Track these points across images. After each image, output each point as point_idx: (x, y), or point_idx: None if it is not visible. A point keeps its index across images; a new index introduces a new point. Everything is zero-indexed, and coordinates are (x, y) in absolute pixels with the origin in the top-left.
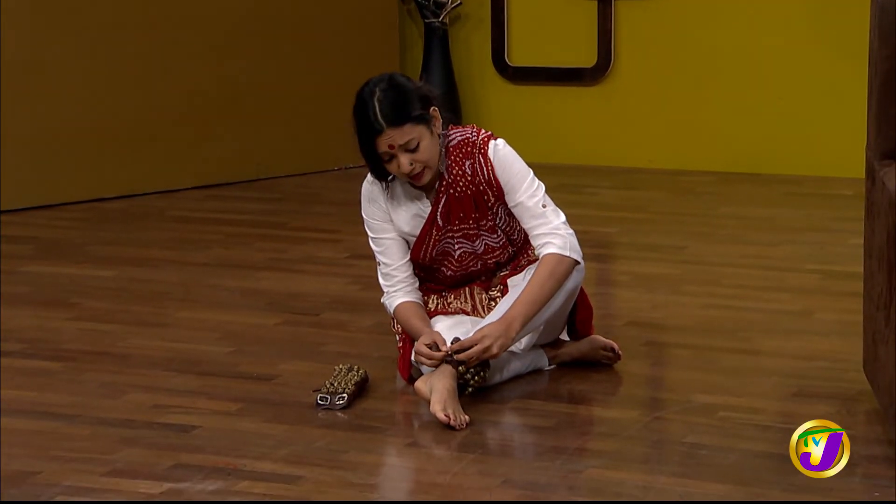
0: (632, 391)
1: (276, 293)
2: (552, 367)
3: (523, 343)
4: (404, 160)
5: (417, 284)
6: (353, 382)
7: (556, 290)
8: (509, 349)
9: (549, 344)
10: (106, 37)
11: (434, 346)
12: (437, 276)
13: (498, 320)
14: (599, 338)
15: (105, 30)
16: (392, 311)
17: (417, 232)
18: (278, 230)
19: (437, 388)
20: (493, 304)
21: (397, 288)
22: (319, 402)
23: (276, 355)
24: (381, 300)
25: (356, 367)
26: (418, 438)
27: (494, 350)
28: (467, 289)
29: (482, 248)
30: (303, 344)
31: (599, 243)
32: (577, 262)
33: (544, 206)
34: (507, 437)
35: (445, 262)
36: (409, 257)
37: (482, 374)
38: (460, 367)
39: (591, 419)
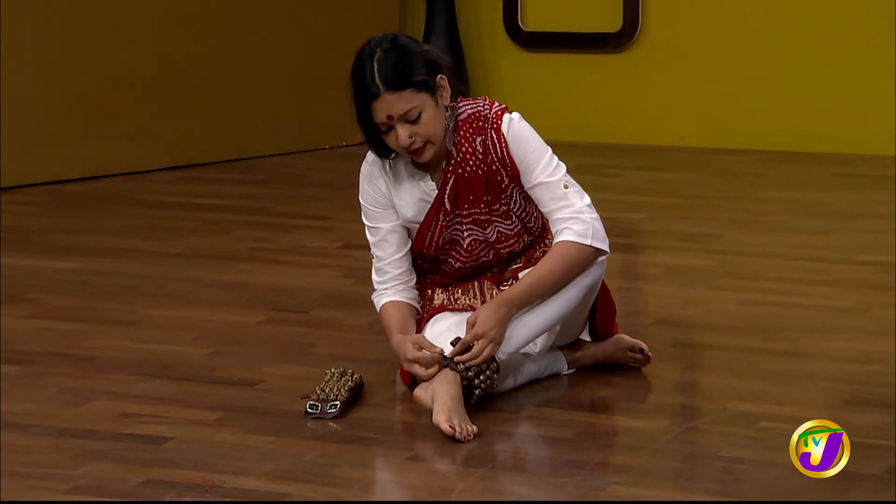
0: (661, 398)
1: (260, 287)
2: (571, 371)
3: (538, 345)
4: (403, 132)
5: (413, 282)
6: (346, 388)
7: (568, 277)
8: (523, 350)
9: (568, 345)
10: (66, 0)
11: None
12: (443, 267)
13: (492, 302)
14: (625, 337)
15: None
16: (378, 310)
17: (422, 218)
18: (261, 216)
19: (439, 396)
20: None
21: (388, 285)
22: (309, 410)
23: (260, 358)
24: (371, 297)
25: (350, 371)
26: (419, 451)
27: (501, 338)
28: (476, 283)
29: (494, 236)
30: (290, 345)
31: (624, 231)
32: (599, 252)
33: (566, 187)
34: (520, 450)
35: (453, 252)
36: (406, 250)
37: (491, 377)
38: (461, 367)
39: (614, 430)
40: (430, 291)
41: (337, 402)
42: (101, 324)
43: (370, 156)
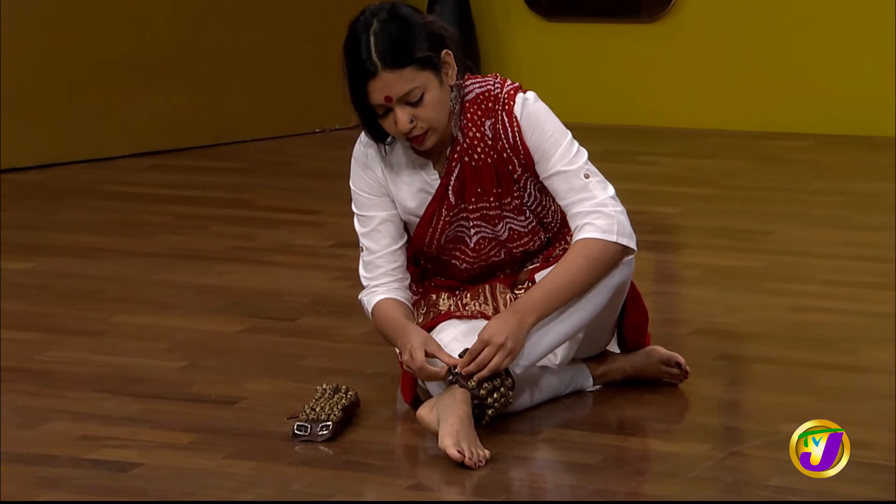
0: (700, 419)
1: (241, 291)
2: (597, 387)
3: (559, 356)
4: (402, 116)
5: (408, 282)
6: (339, 407)
7: (592, 280)
8: (540, 363)
9: (593, 358)
10: None
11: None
12: (448, 268)
13: (506, 310)
14: (659, 349)
15: None
16: (369, 312)
17: (423, 211)
18: (243, 210)
19: (446, 417)
20: None
21: (379, 282)
22: (297, 431)
23: (241, 372)
24: (359, 296)
25: (344, 387)
26: (423, 479)
27: (517, 349)
28: (487, 286)
29: (506, 233)
30: (275, 357)
31: (658, 227)
32: (626, 250)
33: (587, 177)
34: (538, 478)
35: (457, 252)
36: (401, 244)
37: (505, 394)
38: (472, 383)
39: (647, 455)
40: (434, 296)
41: (329, 423)
42: (59, 333)
43: (364, 137)
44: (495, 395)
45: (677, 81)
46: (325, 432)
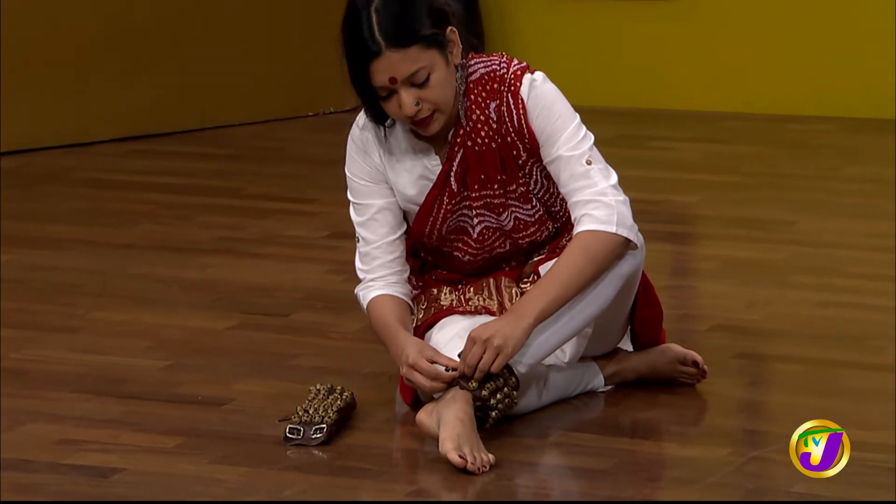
0: (719, 421)
1: (229, 286)
2: (609, 387)
3: (567, 353)
4: (408, 98)
5: (407, 275)
6: (334, 409)
7: (593, 275)
8: (547, 361)
9: (604, 356)
10: None
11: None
12: (449, 261)
13: (505, 313)
14: (675, 347)
15: None
16: (364, 307)
17: (423, 199)
18: (231, 199)
19: (447, 420)
20: None
21: (376, 275)
22: (289, 435)
23: (229, 371)
24: (355, 290)
25: (339, 388)
26: (423, 486)
27: (508, 350)
28: (492, 280)
29: (511, 223)
30: (265, 356)
31: (675, 217)
32: (626, 241)
33: (589, 163)
34: (546, 485)
35: (460, 244)
36: (399, 234)
37: (509, 394)
38: (473, 384)
39: (662, 460)
40: (435, 290)
41: (323, 426)
42: (34, 330)
43: (361, 119)
44: (498, 396)
45: (695, 61)
46: (319, 435)
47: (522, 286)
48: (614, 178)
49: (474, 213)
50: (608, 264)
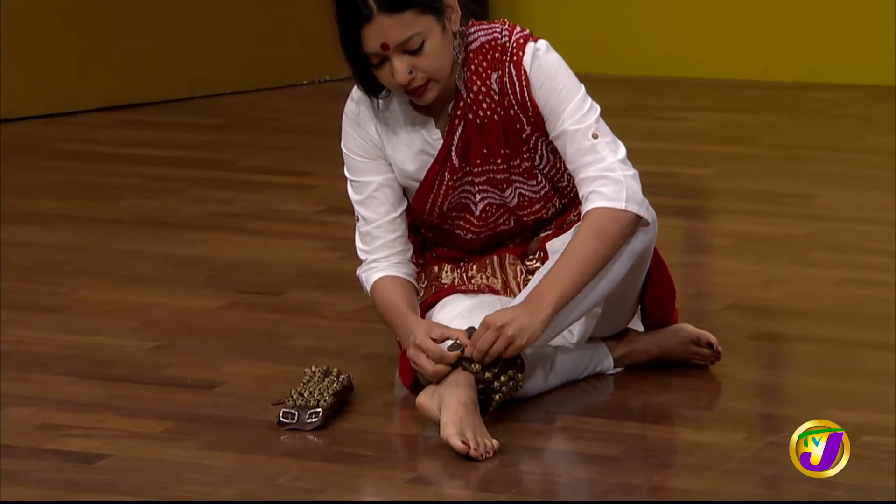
0: (734, 405)
1: (220, 263)
2: (619, 370)
3: (575, 334)
4: (400, 66)
5: (410, 253)
6: (330, 392)
7: (607, 255)
8: (554, 342)
9: (614, 337)
10: None
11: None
12: (451, 238)
13: (522, 301)
14: (688, 327)
15: None
16: (368, 290)
17: (423, 175)
18: (222, 171)
19: (449, 404)
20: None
21: (378, 256)
22: (283, 419)
23: (220, 353)
24: (357, 272)
25: (335, 370)
26: (424, 473)
27: (521, 341)
28: (496, 257)
29: (515, 199)
30: (258, 336)
31: (688, 191)
32: (637, 218)
33: (595, 137)
34: (552, 472)
35: (461, 221)
36: (400, 211)
37: (514, 377)
38: (477, 367)
39: (674, 445)
40: (436, 268)
41: (318, 410)
42: (16, 310)
43: (356, 92)
44: (503, 379)
45: (710, 26)
46: (314, 420)
47: (528, 263)
48: (622, 151)
49: (477, 189)
50: (621, 243)
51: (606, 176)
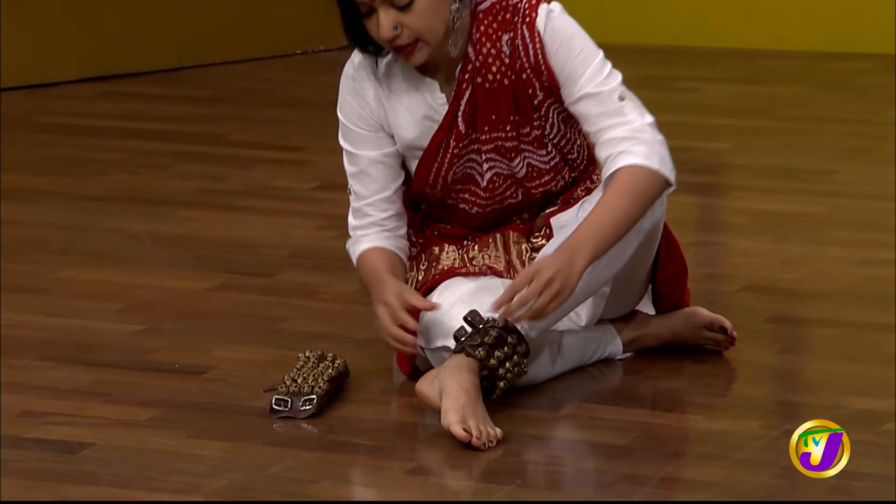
0: (750, 391)
1: (209, 242)
2: (628, 355)
3: (584, 316)
4: (385, 19)
5: (403, 231)
6: (325, 378)
7: (639, 214)
8: (560, 325)
9: (624, 321)
10: None
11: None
12: (455, 214)
13: (556, 250)
14: (701, 311)
15: None
16: (354, 262)
17: (427, 142)
18: (211, 146)
19: (450, 390)
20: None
21: (368, 231)
22: (276, 406)
23: (210, 337)
24: (346, 245)
25: (330, 355)
26: (424, 462)
27: (565, 294)
28: (499, 235)
29: (523, 170)
30: (249, 319)
31: (702, 166)
32: (667, 183)
33: (622, 99)
34: (558, 462)
35: (466, 194)
36: (395, 188)
37: (519, 363)
38: (480, 352)
39: (686, 434)
40: (436, 249)
41: (313, 397)
42: None
43: (357, 55)
44: (507, 365)
45: None
46: (308, 407)
47: (533, 241)
48: (650, 117)
49: (484, 157)
50: (651, 204)
51: (637, 137)
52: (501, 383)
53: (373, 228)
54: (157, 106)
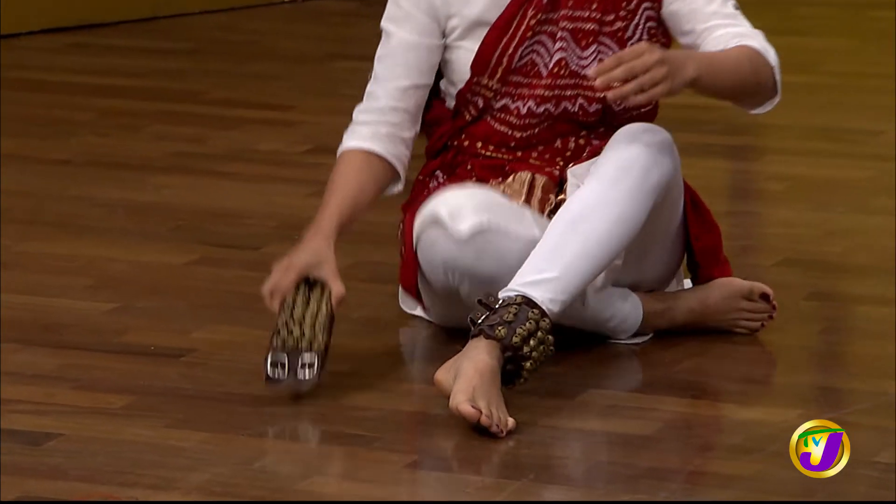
0: (789, 377)
1: (188, 212)
2: (647, 337)
3: (598, 280)
4: None
5: (410, 135)
6: (324, 326)
7: (750, 88)
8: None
9: (650, 292)
10: None
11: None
12: (502, 114)
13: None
14: (737, 280)
15: None
16: (338, 153)
17: (496, 17)
18: (189, 104)
19: (463, 372)
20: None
21: (369, 119)
22: (271, 375)
23: (188, 316)
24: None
25: (318, 284)
26: (426, 455)
27: (668, 85)
28: (529, 174)
29: (592, 65)
30: (233, 297)
31: (735, 127)
32: (774, 89)
33: (736, 8)
34: (575, 453)
35: (525, 89)
36: (413, 83)
37: (543, 339)
38: (501, 331)
39: (717, 423)
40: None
41: (314, 354)
42: None
43: None
44: (532, 342)
45: None
46: (310, 371)
47: (558, 199)
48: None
49: (557, 37)
50: (760, 93)
51: (753, 36)
52: (528, 363)
53: (376, 117)
54: (129, 60)
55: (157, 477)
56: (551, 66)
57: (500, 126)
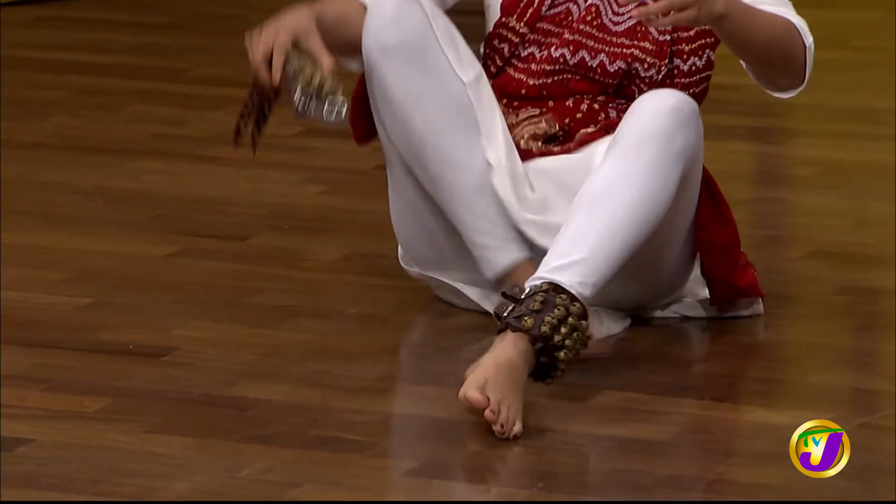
0: (818, 377)
1: (170, 199)
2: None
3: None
4: None
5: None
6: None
7: (779, 53)
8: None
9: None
10: None
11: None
12: (525, 63)
13: None
14: None
15: None
16: None
17: None
18: (171, 83)
19: (480, 364)
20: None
21: None
22: (299, 109)
23: (170, 312)
24: None
25: (308, 58)
26: (427, 461)
27: (702, 11)
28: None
29: (623, 26)
30: (217, 291)
31: (760, 107)
32: (803, 74)
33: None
34: (587, 460)
35: (552, 38)
36: None
37: (576, 325)
38: (527, 322)
39: (739, 428)
40: None
41: (339, 95)
42: None
43: None
44: (563, 330)
45: None
46: (341, 108)
47: (549, 145)
48: None
49: None
50: (788, 65)
51: (798, 23)
52: (562, 353)
53: None
54: (104, 34)
55: (135, 486)
56: (583, 10)
57: (517, 74)
